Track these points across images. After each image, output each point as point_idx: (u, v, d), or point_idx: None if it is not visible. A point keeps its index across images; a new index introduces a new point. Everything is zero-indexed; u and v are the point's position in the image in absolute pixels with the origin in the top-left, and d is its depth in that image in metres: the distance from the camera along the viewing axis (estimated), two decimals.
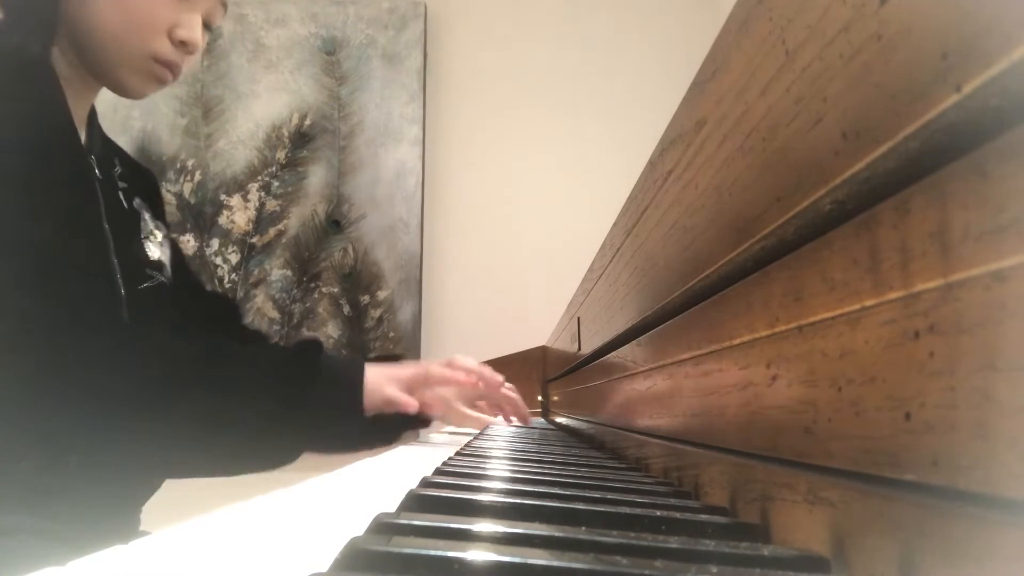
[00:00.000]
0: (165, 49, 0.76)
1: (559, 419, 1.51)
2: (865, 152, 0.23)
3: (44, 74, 0.71)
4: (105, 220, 0.76)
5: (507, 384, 1.00)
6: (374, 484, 0.44)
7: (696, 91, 0.46)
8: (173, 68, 0.77)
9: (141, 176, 0.92)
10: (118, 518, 0.76)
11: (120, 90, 0.78)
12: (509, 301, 2.24)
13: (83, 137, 0.78)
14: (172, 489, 0.83)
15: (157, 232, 0.88)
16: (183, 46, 0.77)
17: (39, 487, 0.65)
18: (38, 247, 0.64)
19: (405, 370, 0.81)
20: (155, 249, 0.86)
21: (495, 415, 1.05)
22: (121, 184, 0.84)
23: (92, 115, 0.82)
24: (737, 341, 0.37)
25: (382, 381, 0.78)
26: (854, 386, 0.24)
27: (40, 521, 0.63)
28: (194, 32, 0.77)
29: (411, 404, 0.78)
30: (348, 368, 0.78)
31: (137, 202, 0.86)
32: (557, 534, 0.26)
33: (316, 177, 2.26)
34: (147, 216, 0.87)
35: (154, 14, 0.74)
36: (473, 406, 1.03)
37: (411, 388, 0.80)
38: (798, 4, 0.29)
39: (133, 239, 0.83)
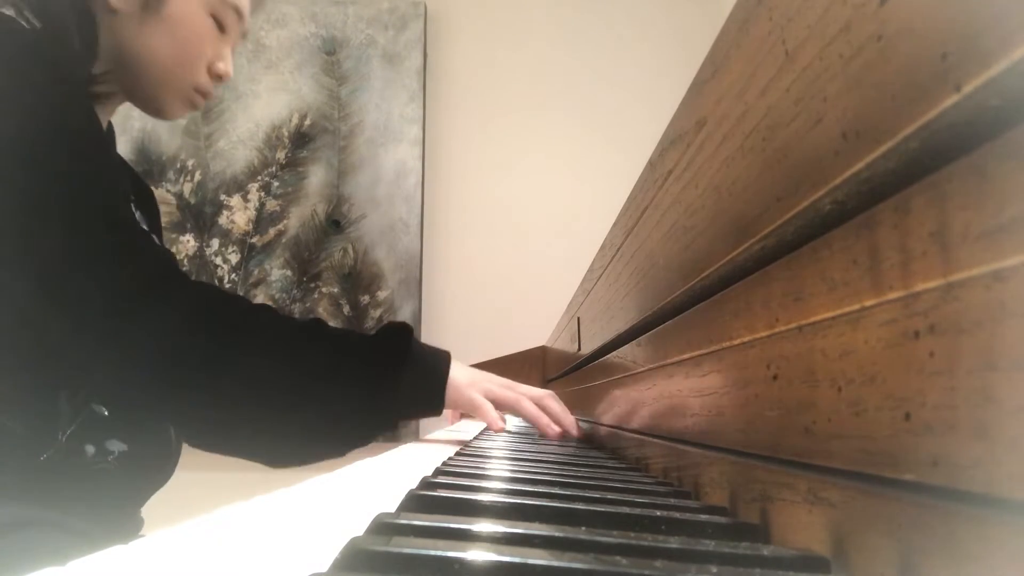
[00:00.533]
0: (205, 81, 0.82)
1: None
2: (865, 152, 0.23)
3: (83, 88, 0.73)
4: None
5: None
6: (374, 484, 0.44)
7: (696, 91, 0.46)
8: (208, 96, 0.84)
9: (143, 191, 0.94)
10: (124, 511, 0.77)
11: (156, 113, 0.83)
12: (509, 301, 2.24)
13: None
14: (172, 489, 0.83)
15: None
16: (219, 78, 0.84)
17: (57, 479, 0.66)
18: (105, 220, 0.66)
19: (494, 383, 0.81)
20: None
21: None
22: (132, 197, 0.87)
23: (110, 128, 0.85)
24: (737, 341, 0.37)
25: (469, 382, 0.78)
26: (854, 386, 0.24)
27: (54, 514, 0.64)
28: (230, 65, 0.84)
29: (498, 424, 0.77)
30: (436, 361, 0.77)
31: (139, 215, 0.88)
32: (557, 534, 0.26)
33: (316, 177, 2.26)
34: (144, 228, 0.88)
35: (201, 49, 0.80)
36: None
37: (497, 403, 0.79)
38: (798, 4, 0.29)
39: None
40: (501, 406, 0.80)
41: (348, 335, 0.78)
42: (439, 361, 0.77)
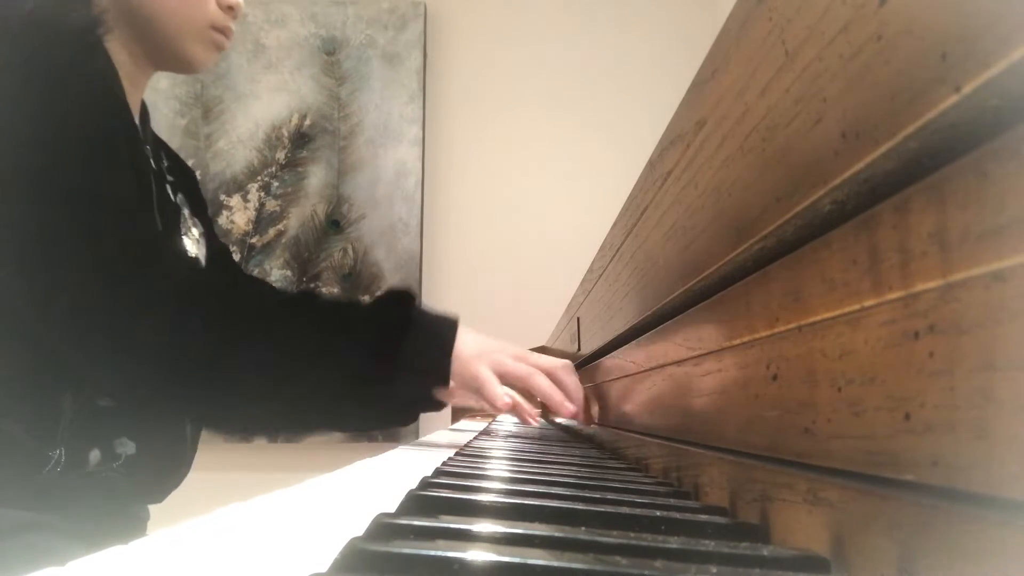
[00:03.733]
0: (218, 16, 0.81)
1: (559, 419, 1.51)
2: (865, 152, 0.23)
3: (104, 59, 0.72)
4: (156, 210, 0.77)
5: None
6: (374, 484, 0.44)
7: (696, 91, 0.46)
8: (227, 32, 0.82)
9: (184, 172, 0.93)
10: (130, 515, 0.76)
11: (185, 64, 0.82)
12: (509, 301, 2.24)
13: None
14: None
15: (194, 229, 0.89)
16: (230, 11, 0.82)
17: (60, 489, 0.65)
18: (106, 201, 0.64)
19: (505, 353, 0.74)
20: (192, 245, 0.87)
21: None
22: (169, 177, 0.86)
23: (143, 108, 0.84)
24: (737, 341, 0.37)
25: (478, 353, 0.71)
26: (854, 386, 0.24)
27: (55, 518, 0.63)
28: None
29: (500, 400, 0.70)
30: (440, 329, 0.71)
31: (180, 197, 0.87)
32: (557, 534, 0.26)
33: (316, 177, 2.26)
34: (186, 212, 0.88)
35: None
36: None
37: (506, 377, 0.73)
38: (798, 4, 0.29)
39: (175, 233, 0.84)
40: (511, 380, 0.74)
41: (343, 306, 0.74)
42: (444, 329, 0.71)
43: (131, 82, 0.78)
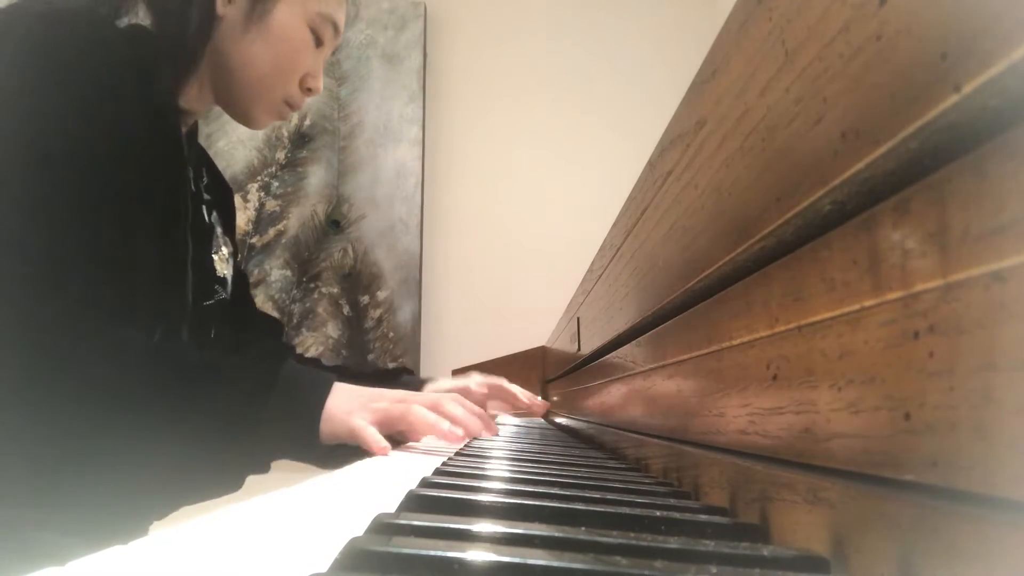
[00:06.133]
0: (295, 93, 0.82)
1: (559, 419, 1.51)
2: (865, 152, 0.23)
3: (163, 83, 0.73)
4: (188, 231, 0.77)
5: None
6: (374, 484, 0.44)
7: (696, 91, 0.46)
8: (295, 108, 0.84)
9: (222, 190, 0.94)
10: (130, 522, 0.76)
11: (244, 120, 0.83)
12: (509, 301, 2.24)
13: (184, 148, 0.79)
14: None
15: (224, 249, 0.89)
16: (308, 92, 0.83)
17: (57, 487, 0.65)
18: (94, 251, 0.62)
19: (384, 399, 0.71)
20: (221, 265, 0.87)
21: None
22: (206, 196, 0.86)
23: (194, 125, 0.85)
24: (737, 341, 0.37)
25: (353, 408, 0.69)
26: (854, 386, 0.24)
27: (59, 515, 0.63)
28: (320, 81, 0.84)
29: (379, 448, 0.66)
30: (311, 387, 0.69)
31: (214, 216, 0.88)
32: (557, 534, 0.26)
33: (316, 177, 2.26)
34: (219, 231, 0.88)
35: (298, 62, 0.81)
36: None
37: (384, 422, 0.70)
38: (798, 4, 0.29)
39: (207, 253, 0.84)
40: (391, 423, 0.70)
41: (212, 364, 0.69)
42: (315, 389, 0.69)
43: (189, 105, 0.79)
